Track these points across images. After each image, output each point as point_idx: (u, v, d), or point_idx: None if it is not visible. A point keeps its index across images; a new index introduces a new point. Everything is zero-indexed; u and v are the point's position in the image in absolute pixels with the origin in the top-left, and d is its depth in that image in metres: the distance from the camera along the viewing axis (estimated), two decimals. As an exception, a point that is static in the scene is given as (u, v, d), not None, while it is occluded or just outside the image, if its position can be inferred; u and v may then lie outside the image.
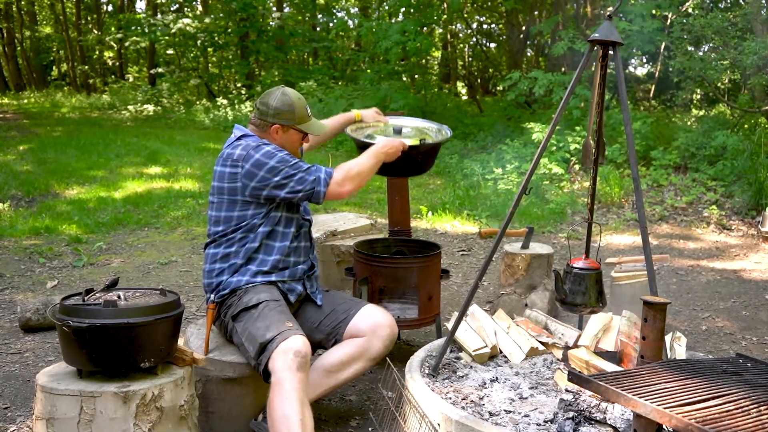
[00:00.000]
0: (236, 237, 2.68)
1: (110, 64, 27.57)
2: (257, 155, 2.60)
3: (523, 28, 15.83)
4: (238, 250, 2.68)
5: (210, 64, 22.41)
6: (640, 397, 1.66)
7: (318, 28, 21.30)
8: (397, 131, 3.16)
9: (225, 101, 17.67)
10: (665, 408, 1.60)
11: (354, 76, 17.54)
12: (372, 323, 2.70)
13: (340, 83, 17.09)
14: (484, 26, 20.31)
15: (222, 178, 2.67)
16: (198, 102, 18.97)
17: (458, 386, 2.56)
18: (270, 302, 2.56)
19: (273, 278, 2.70)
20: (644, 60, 15.63)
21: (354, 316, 2.73)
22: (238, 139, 2.73)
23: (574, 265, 2.75)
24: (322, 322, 2.76)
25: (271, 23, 19.29)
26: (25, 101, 21.74)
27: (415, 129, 3.33)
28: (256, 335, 2.45)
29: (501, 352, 2.88)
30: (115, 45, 23.72)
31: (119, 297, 2.27)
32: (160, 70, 21.38)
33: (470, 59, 21.61)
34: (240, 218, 2.67)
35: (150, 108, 18.63)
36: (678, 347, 2.77)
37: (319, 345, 2.83)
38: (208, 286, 2.73)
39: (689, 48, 9.93)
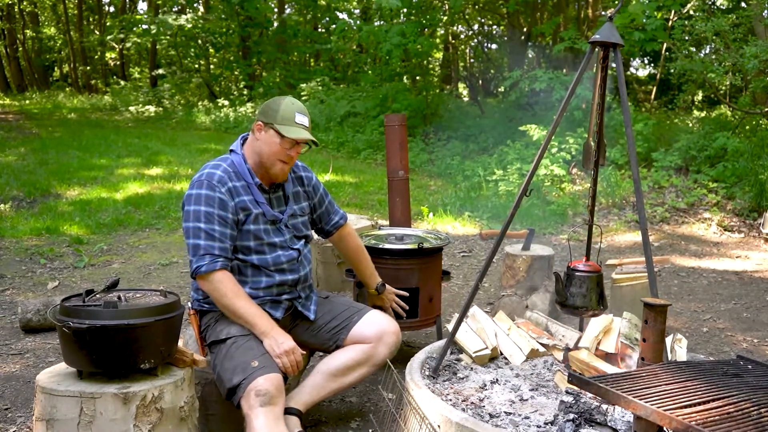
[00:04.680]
0: None
1: (112, 65, 27.62)
2: (193, 192, 2.50)
3: (525, 29, 15.84)
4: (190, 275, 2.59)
5: (211, 65, 22.44)
6: (641, 399, 1.65)
7: (319, 28, 21.31)
8: (399, 238, 3.42)
9: (226, 102, 17.70)
10: (665, 410, 1.60)
11: (356, 78, 17.55)
12: (378, 330, 2.69)
13: (341, 85, 17.10)
14: (486, 28, 20.31)
15: None
16: (199, 103, 19.00)
17: (458, 388, 2.56)
18: (239, 338, 2.46)
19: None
20: (646, 62, 15.63)
21: (357, 322, 2.72)
22: (230, 152, 2.64)
23: (575, 268, 2.75)
24: (322, 329, 2.75)
25: (273, 23, 19.31)
26: (27, 102, 21.78)
27: (415, 237, 3.54)
28: (224, 378, 2.40)
29: (501, 353, 2.88)
30: (116, 46, 23.74)
31: (119, 298, 2.27)
32: (161, 71, 21.42)
33: (472, 61, 21.61)
34: None
35: (151, 109, 18.67)
36: (679, 349, 2.76)
37: (319, 349, 2.82)
38: (193, 293, 2.69)
39: (691, 48, 9.92)
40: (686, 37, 9.44)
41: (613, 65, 2.60)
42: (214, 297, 2.48)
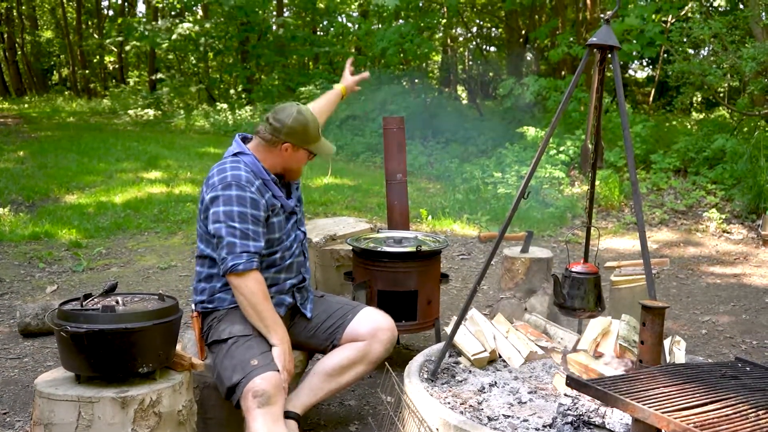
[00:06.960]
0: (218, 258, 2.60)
1: (111, 68, 27.65)
2: (220, 193, 2.48)
3: (524, 32, 15.86)
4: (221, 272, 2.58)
5: (210, 69, 22.46)
6: (639, 402, 1.65)
7: (319, 31, 21.33)
8: (397, 241, 3.45)
9: (225, 106, 17.70)
10: (663, 412, 1.60)
11: (354, 80, 17.53)
12: (372, 327, 2.70)
13: (340, 87, 17.08)
14: (484, 30, 20.34)
15: (203, 196, 2.58)
16: (198, 106, 19.00)
17: (457, 391, 2.56)
18: (240, 338, 2.49)
19: None
20: (644, 63, 15.65)
21: (352, 320, 2.72)
22: (234, 155, 2.61)
23: (573, 270, 2.75)
24: (319, 328, 2.75)
25: (272, 27, 19.33)
26: (26, 106, 21.77)
27: (414, 239, 3.54)
28: (224, 377, 2.42)
29: (500, 356, 2.88)
30: (115, 49, 23.76)
31: (117, 302, 2.27)
32: (160, 74, 21.43)
33: (470, 63, 21.64)
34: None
35: (150, 112, 18.67)
36: (677, 351, 2.76)
37: (316, 350, 2.82)
38: (195, 296, 2.70)
39: (689, 50, 9.94)
40: (684, 40, 9.45)
41: (611, 67, 2.60)
42: (245, 294, 2.47)
